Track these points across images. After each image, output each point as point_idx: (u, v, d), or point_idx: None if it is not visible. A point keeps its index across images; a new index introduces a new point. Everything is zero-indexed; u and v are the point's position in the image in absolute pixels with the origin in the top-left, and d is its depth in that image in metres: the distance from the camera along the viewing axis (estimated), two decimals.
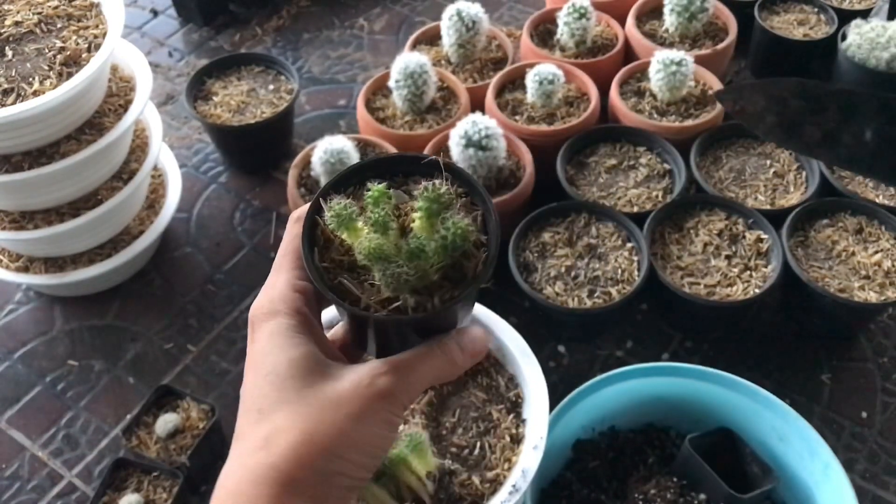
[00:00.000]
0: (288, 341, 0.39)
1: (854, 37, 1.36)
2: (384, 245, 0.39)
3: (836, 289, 1.04)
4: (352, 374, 0.39)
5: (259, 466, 0.36)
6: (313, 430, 0.37)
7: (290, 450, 0.36)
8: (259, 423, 0.37)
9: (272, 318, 0.40)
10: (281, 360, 0.38)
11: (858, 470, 1.00)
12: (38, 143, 1.01)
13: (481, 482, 0.74)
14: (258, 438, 0.37)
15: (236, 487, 0.36)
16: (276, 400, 0.38)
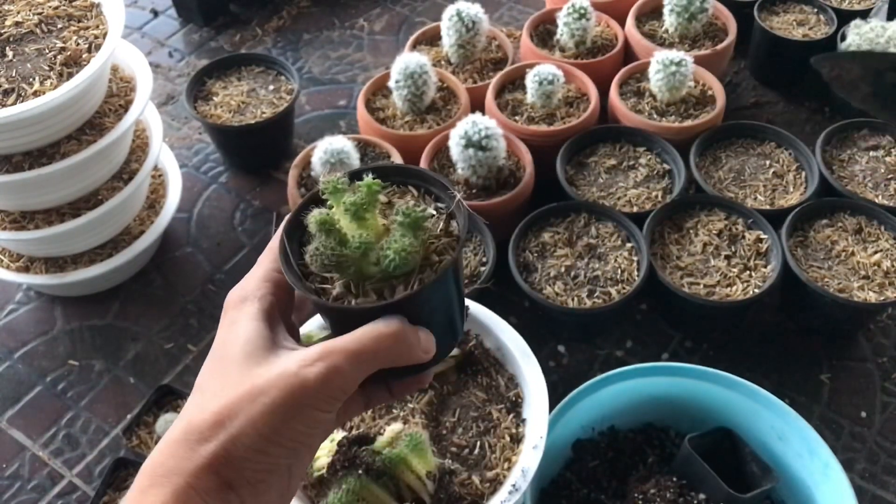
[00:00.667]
0: (242, 328, 0.40)
1: (853, 37, 1.36)
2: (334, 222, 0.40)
3: (835, 289, 1.04)
4: (283, 361, 0.38)
5: (184, 426, 0.37)
6: (227, 414, 0.37)
7: (204, 424, 0.37)
8: (197, 399, 0.39)
9: (240, 305, 0.41)
10: (232, 344, 0.40)
11: (858, 469, 1.01)
12: (38, 144, 1.02)
13: (481, 482, 0.74)
14: (192, 409, 0.38)
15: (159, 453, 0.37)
16: (215, 377, 0.39)
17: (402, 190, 0.45)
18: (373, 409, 0.81)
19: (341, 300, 0.40)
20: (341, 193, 0.41)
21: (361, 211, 0.40)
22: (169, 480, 0.36)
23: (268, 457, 0.37)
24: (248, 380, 0.37)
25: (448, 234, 0.42)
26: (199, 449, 0.36)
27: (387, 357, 0.39)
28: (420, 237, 0.40)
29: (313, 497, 0.73)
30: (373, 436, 0.76)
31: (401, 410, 0.81)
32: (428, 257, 0.41)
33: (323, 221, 0.40)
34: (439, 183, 0.44)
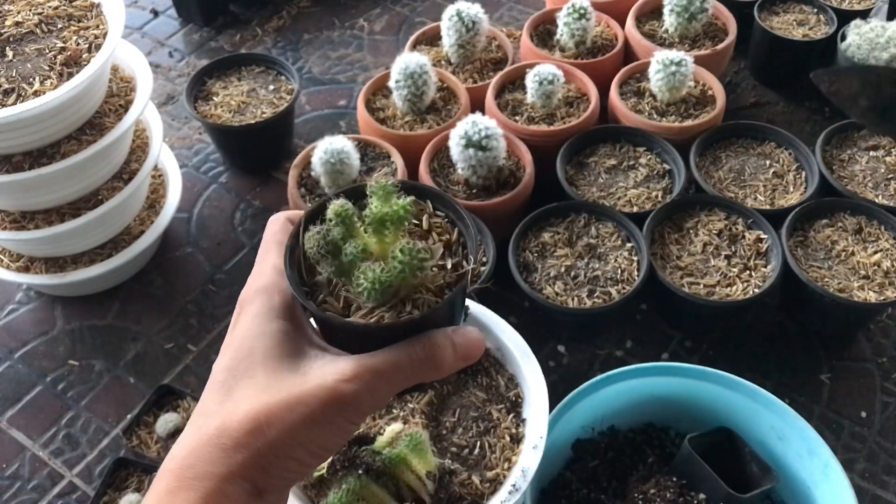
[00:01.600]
0: (265, 323, 0.39)
1: (853, 37, 1.36)
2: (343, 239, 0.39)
3: (835, 289, 1.04)
4: (318, 372, 0.38)
5: (216, 430, 0.36)
6: (265, 421, 0.36)
7: (240, 429, 0.36)
8: (225, 398, 0.38)
9: (258, 300, 0.40)
10: (256, 341, 0.39)
11: (858, 469, 1.01)
12: (38, 144, 1.02)
13: (481, 482, 0.74)
14: (220, 411, 0.37)
15: (188, 454, 0.36)
16: (242, 378, 0.38)
17: (449, 225, 0.43)
18: None
19: (319, 297, 0.40)
20: (380, 199, 0.40)
21: (382, 225, 0.39)
22: (201, 484, 0.35)
23: (299, 464, 0.38)
24: (284, 386, 0.37)
25: (441, 290, 0.41)
26: (234, 454, 0.36)
27: (420, 378, 0.40)
28: (408, 280, 0.39)
29: (313, 497, 0.73)
30: (373, 436, 0.76)
31: (401, 410, 0.81)
32: (414, 296, 0.40)
33: (342, 213, 0.39)
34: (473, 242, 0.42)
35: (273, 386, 0.37)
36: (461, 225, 0.43)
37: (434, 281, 0.40)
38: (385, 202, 0.39)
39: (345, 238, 0.39)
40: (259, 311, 0.40)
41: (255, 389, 0.37)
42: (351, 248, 0.38)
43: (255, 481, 0.36)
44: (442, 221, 0.43)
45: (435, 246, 0.41)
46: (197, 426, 0.38)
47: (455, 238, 0.42)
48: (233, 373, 0.38)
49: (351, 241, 0.39)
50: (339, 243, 0.39)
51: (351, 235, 0.39)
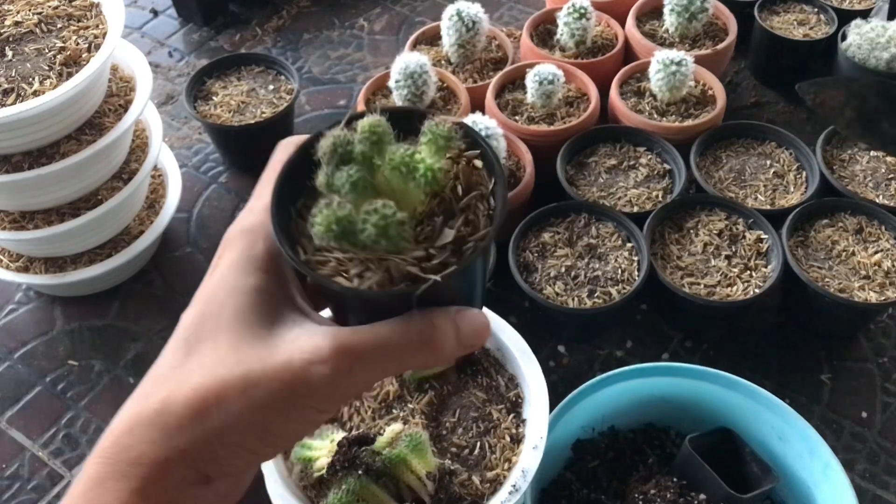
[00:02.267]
0: (242, 276, 0.33)
1: (854, 37, 1.36)
2: None
3: (835, 289, 1.04)
4: (289, 346, 0.31)
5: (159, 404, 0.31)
6: (214, 401, 0.31)
7: (186, 407, 0.31)
8: (182, 363, 0.32)
9: (241, 244, 0.34)
10: (228, 297, 0.33)
11: (858, 470, 1.00)
12: (38, 144, 1.01)
13: (481, 482, 0.74)
14: (172, 378, 0.32)
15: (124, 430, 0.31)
16: (204, 339, 0.32)
17: None
18: (372, 409, 0.81)
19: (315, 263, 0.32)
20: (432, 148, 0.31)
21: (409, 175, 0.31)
22: (135, 471, 0.30)
23: (251, 453, 0.32)
24: (245, 359, 0.31)
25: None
26: (175, 436, 0.30)
27: (411, 365, 0.33)
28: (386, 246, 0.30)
29: (313, 497, 0.73)
30: (373, 436, 0.75)
31: (401, 411, 0.81)
32: None
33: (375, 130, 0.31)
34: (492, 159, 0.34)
35: (233, 357, 0.31)
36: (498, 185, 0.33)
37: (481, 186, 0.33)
38: (436, 154, 0.31)
39: (370, 158, 0.31)
40: (237, 260, 0.33)
41: (214, 357, 0.31)
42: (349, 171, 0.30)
43: (198, 468, 0.31)
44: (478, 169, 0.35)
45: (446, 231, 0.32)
46: (142, 395, 0.32)
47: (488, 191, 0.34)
48: (196, 331, 0.33)
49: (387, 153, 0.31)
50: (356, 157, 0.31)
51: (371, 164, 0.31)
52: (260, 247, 0.34)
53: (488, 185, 0.33)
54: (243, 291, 0.33)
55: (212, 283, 0.34)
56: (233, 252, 0.34)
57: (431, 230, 0.32)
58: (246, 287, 0.33)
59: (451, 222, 0.32)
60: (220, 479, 0.32)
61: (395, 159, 0.31)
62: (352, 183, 0.30)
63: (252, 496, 1.03)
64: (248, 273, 0.33)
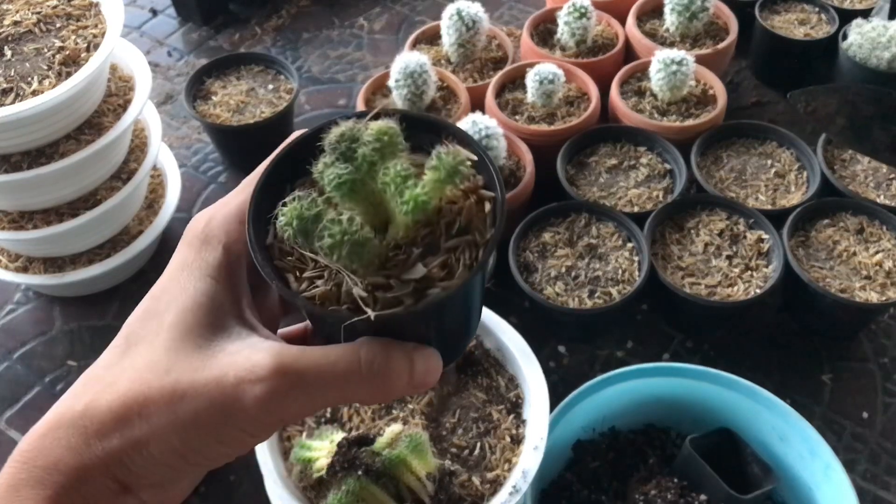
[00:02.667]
0: (193, 278, 0.31)
1: (855, 36, 1.35)
2: None
3: (837, 289, 1.04)
4: (226, 359, 0.29)
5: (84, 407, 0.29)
6: (137, 410, 0.29)
7: (108, 413, 0.29)
8: (115, 360, 0.31)
9: (198, 244, 0.32)
10: (176, 297, 0.31)
11: (859, 470, 1.00)
12: (37, 143, 1.01)
13: (481, 483, 0.74)
14: (102, 380, 0.30)
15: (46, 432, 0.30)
16: (144, 339, 0.30)
17: None
18: (372, 409, 0.81)
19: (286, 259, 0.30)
20: (441, 174, 0.29)
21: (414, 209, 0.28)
22: (51, 478, 0.28)
23: (172, 470, 0.30)
24: (177, 367, 0.29)
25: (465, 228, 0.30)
26: (95, 444, 0.28)
27: (358, 400, 0.30)
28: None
29: (313, 498, 0.73)
30: (372, 437, 0.75)
31: (400, 411, 0.80)
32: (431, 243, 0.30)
33: (386, 134, 0.28)
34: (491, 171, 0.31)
35: (165, 363, 0.29)
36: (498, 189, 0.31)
37: None
38: (436, 183, 0.29)
39: (372, 164, 0.29)
40: (192, 262, 0.32)
41: (146, 360, 0.29)
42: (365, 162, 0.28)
43: (118, 478, 0.29)
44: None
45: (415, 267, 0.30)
46: (72, 394, 0.30)
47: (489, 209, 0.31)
48: (138, 329, 0.31)
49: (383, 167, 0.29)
50: (357, 157, 0.29)
51: (374, 171, 0.29)
52: (218, 253, 0.32)
53: (486, 234, 0.30)
54: (190, 296, 0.31)
55: (163, 281, 0.32)
56: (189, 252, 0.32)
57: (405, 260, 0.29)
58: (194, 291, 0.31)
59: (428, 259, 0.29)
60: (143, 490, 0.30)
61: (388, 174, 0.29)
62: (338, 183, 0.29)
63: (252, 496, 1.03)
64: (199, 277, 0.31)
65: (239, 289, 0.32)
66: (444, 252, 0.29)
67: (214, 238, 0.32)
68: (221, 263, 0.32)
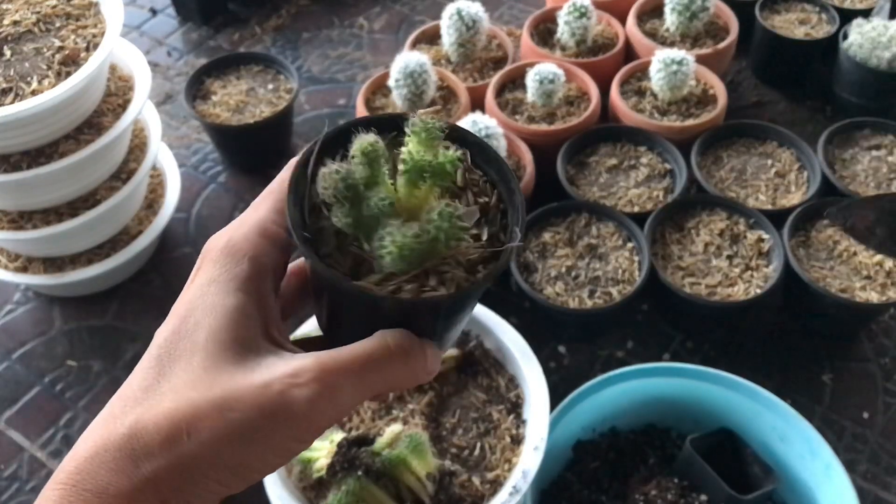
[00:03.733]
0: (222, 295, 0.31)
1: (855, 36, 1.35)
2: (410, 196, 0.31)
3: (837, 289, 1.04)
4: (266, 371, 0.30)
5: (128, 430, 0.29)
6: (186, 428, 0.29)
7: (156, 434, 0.29)
8: (153, 386, 0.30)
9: (222, 261, 0.33)
10: (205, 316, 0.31)
11: (860, 471, 1.00)
12: (36, 143, 1.01)
13: (481, 483, 0.74)
14: (142, 402, 0.30)
15: (90, 457, 0.29)
16: (179, 359, 0.31)
17: (488, 186, 0.34)
18: (372, 409, 0.81)
19: (323, 250, 0.31)
20: (422, 144, 0.31)
21: (420, 176, 0.31)
22: (100, 501, 0.28)
23: (221, 486, 0.30)
24: (220, 382, 0.29)
25: (472, 267, 0.32)
26: (143, 465, 0.29)
27: (393, 385, 0.32)
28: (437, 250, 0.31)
29: (312, 498, 0.73)
30: (372, 437, 0.75)
31: (401, 411, 0.80)
32: (441, 270, 0.32)
33: (370, 151, 0.31)
34: (518, 211, 0.33)
35: (207, 380, 0.29)
36: (503, 188, 0.34)
37: (466, 254, 0.32)
38: (427, 147, 0.31)
39: (369, 183, 0.31)
40: (218, 277, 0.32)
41: (186, 379, 0.30)
42: (377, 199, 0.30)
43: (165, 500, 0.29)
44: (480, 179, 0.34)
45: (470, 209, 0.33)
46: (111, 416, 0.30)
47: (494, 203, 0.34)
48: (169, 350, 0.31)
49: (377, 189, 0.31)
50: (360, 189, 0.31)
51: (376, 182, 0.31)
52: (244, 267, 0.32)
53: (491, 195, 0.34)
54: (221, 311, 0.31)
55: (189, 299, 0.32)
56: (214, 268, 0.32)
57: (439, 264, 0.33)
58: (225, 307, 0.31)
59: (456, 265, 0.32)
60: None
61: (370, 204, 0.31)
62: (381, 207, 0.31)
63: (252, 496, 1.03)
64: (228, 292, 0.31)
65: (268, 301, 0.33)
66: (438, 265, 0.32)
67: (240, 251, 0.32)
68: (250, 276, 0.32)
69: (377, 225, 0.31)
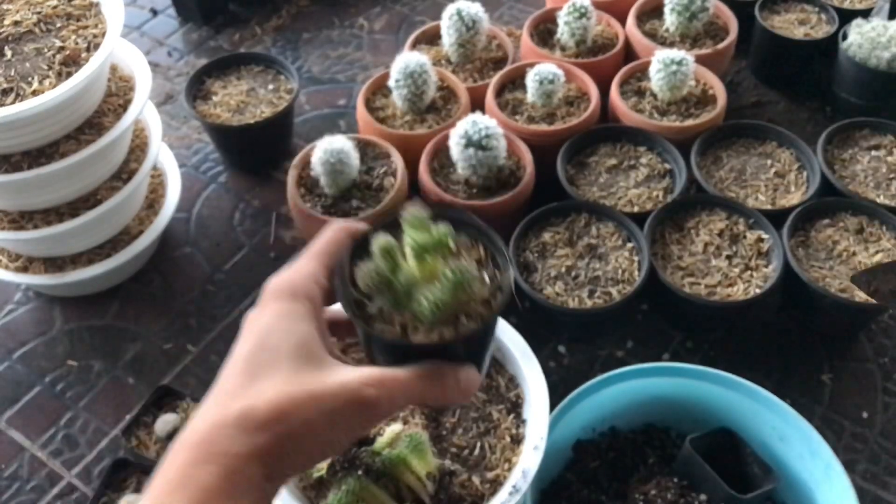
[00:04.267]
0: (293, 323, 0.41)
1: (855, 36, 1.35)
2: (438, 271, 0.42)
3: (836, 289, 1.04)
4: (340, 376, 0.40)
5: (240, 411, 0.38)
6: (289, 410, 0.38)
7: (265, 413, 0.38)
8: (249, 383, 0.39)
9: (288, 299, 0.42)
10: (282, 339, 0.41)
11: (859, 470, 1.00)
12: (37, 143, 1.01)
13: (481, 483, 0.74)
14: (245, 394, 0.39)
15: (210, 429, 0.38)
16: (265, 368, 0.40)
17: (472, 242, 0.46)
18: None
19: (372, 321, 0.43)
20: (417, 230, 0.43)
21: (424, 253, 0.43)
22: (224, 460, 0.37)
23: (308, 458, 0.40)
24: (308, 382, 0.39)
25: (486, 303, 0.43)
26: (256, 437, 0.37)
27: (433, 398, 0.43)
28: (460, 298, 0.42)
29: (313, 498, 0.73)
30: (372, 436, 0.75)
31: (401, 411, 0.80)
32: (465, 310, 0.43)
33: (387, 248, 0.43)
34: (504, 255, 0.46)
35: (296, 380, 0.39)
36: (485, 240, 0.46)
37: (480, 294, 0.43)
38: (423, 231, 0.43)
39: (393, 270, 0.42)
40: (288, 311, 0.42)
41: (279, 380, 0.39)
42: (403, 279, 0.42)
43: (268, 466, 0.37)
44: (467, 240, 0.46)
45: (469, 262, 0.44)
46: (220, 404, 0.39)
47: (483, 253, 0.46)
48: (255, 360, 0.40)
49: (399, 272, 0.42)
50: (390, 277, 0.42)
51: (398, 266, 0.43)
52: (308, 306, 0.42)
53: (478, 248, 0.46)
54: (295, 336, 0.41)
55: (263, 326, 0.41)
56: (281, 304, 0.42)
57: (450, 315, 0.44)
58: (297, 332, 0.41)
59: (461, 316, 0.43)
60: (276, 480, 0.38)
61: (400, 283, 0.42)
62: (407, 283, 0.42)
63: None
64: (298, 321, 0.42)
65: (323, 329, 0.43)
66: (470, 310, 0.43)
67: (301, 293, 0.43)
68: (310, 311, 0.42)
69: (407, 296, 0.42)
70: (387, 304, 0.42)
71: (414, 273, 0.42)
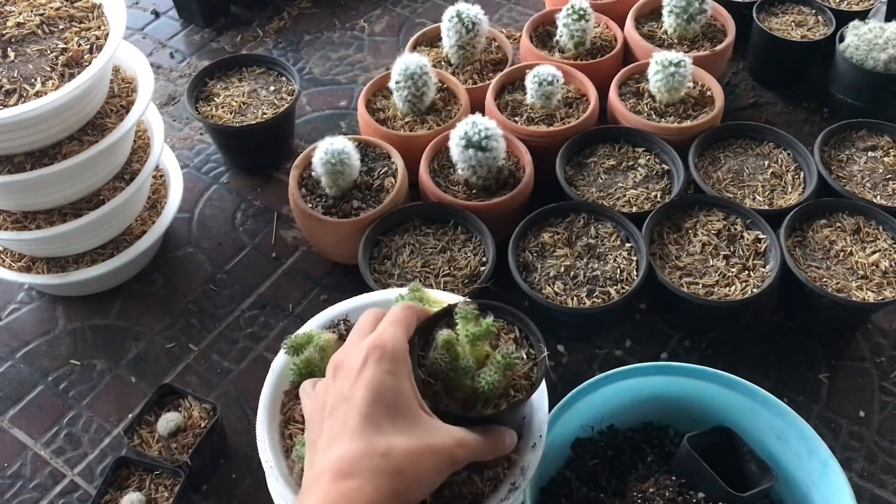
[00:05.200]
0: (399, 382, 0.53)
1: (852, 38, 1.36)
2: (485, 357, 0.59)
3: (833, 288, 1.05)
4: (439, 434, 0.53)
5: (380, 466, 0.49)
6: (418, 463, 0.50)
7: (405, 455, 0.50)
8: (377, 436, 0.50)
9: (394, 359, 0.53)
10: (395, 396, 0.52)
11: (856, 469, 1.01)
12: (40, 144, 1.02)
13: (481, 480, 0.75)
14: (377, 447, 0.49)
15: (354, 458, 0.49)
16: (387, 418, 0.51)
17: (509, 326, 0.62)
18: None
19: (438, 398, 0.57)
20: (468, 321, 0.57)
21: (476, 340, 0.57)
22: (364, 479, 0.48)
23: (415, 498, 0.50)
24: (424, 437, 0.51)
25: (528, 376, 0.59)
26: (397, 480, 0.49)
27: (489, 456, 0.57)
28: (507, 375, 0.57)
29: None
30: None
31: None
32: (511, 384, 0.59)
33: (448, 342, 0.56)
34: (537, 336, 0.61)
35: (415, 434, 0.51)
36: (519, 323, 0.63)
37: (522, 370, 0.58)
38: (473, 322, 0.58)
39: (455, 357, 0.57)
40: (394, 371, 0.53)
41: (404, 431, 0.51)
42: (464, 364, 0.57)
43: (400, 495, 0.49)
44: (505, 325, 0.63)
45: (509, 345, 0.60)
46: (363, 440, 0.49)
47: (519, 334, 0.62)
48: (378, 410, 0.51)
49: (462, 358, 0.57)
50: (453, 363, 0.56)
51: (458, 354, 0.57)
52: (406, 368, 0.54)
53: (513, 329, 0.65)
54: (403, 394, 0.53)
55: (375, 381, 0.52)
56: (386, 363, 0.53)
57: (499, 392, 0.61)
58: (404, 391, 0.53)
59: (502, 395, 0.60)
60: None
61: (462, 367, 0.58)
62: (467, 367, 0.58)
63: (253, 494, 1.04)
64: (401, 380, 0.53)
65: (416, 389, 0.55)
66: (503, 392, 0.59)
67: (403, 358, 0.54)
68: (408, 373, 0.54)
69: (465, 376, 0.57)
70: (449, 386, 0.56)
71: (468, 358, 0.57)
